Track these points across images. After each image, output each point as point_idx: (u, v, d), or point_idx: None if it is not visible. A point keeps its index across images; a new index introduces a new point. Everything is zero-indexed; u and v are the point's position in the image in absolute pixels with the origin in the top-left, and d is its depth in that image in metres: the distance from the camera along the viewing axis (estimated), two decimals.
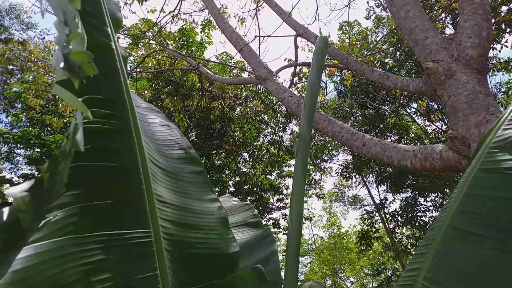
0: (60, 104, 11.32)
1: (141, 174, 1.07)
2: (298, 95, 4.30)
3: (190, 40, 11.69)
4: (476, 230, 0.90)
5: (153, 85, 11.94)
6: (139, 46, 9.70)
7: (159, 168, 1.21)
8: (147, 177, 1.08)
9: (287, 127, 14.33)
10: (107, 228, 0.93)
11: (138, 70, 9.51)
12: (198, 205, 1.22)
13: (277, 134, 14.21)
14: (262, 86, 12.11)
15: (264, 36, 4.97)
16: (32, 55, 10.18)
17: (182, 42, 11.62)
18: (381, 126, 13.44)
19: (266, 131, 15.07)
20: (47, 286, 0.76)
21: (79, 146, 0.71)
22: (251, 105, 13.05)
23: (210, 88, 11.33)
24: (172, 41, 11.47)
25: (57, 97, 11.94)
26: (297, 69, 8.28)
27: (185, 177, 1.28)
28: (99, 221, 0.93)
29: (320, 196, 19.30)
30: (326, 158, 18.16)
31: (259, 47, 5.14)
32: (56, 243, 0.83)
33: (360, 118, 14.47)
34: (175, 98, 11.04)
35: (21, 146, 12.55)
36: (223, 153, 14.48)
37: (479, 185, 0.94)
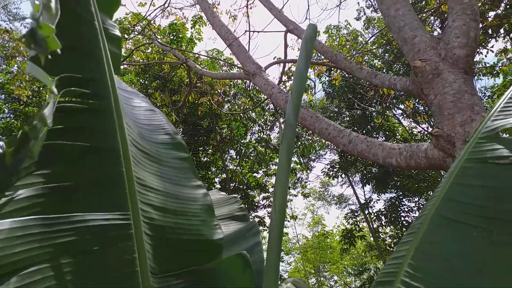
0: (47, 96, 11.11)
1: (121, 156, 1.04)
2: (286, 91, 4.30)
3: (180, 35, 11.59)
4: (462, 219, 0.90)
5: (141, 79, 11.81)
6: (127, 39, 9.55)
7: (142, 152, 1.19)
8: (127, 160, 1.06)
9: (275, 126, 14.35)
10: (80, 210, 0.90)
11: (125, 63, 9.38)
12: (182, 191, 1.20)
13: (264, 132, 14.23)
14: (251, 83, 12.04)
15: (254, 31, 4.94)
16: (19, 45, 9.95)
17: (172, 37, 11.52)
18: (368, 127, 13.57)
19: (254, 129, 15.05)
20: (6, 266, 0.73)
21: (46, 121, 0.68)
22: (240, 102, 13.03)
23: (199, 84, 11.26)
24: (161, 36, 11.35)
25: (41, 88, 11.70)
26: (286, 67, 8.28)
27: (169, 163, 1.26)
28: (70, 202, 0.89)
29: (305, 194, 19.42)
30: (313, 158, 18.24)
31: (248, 42, 5.12)
32: (18, 222, 0.79)
33: (347, 118, 14.58)
34: (163, 92, 10.94)
35: (3, 138, 12.27)
36: (210, 150, 14.43)
37: (466, 174, 0.94)
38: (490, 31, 8.01)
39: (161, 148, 1.28)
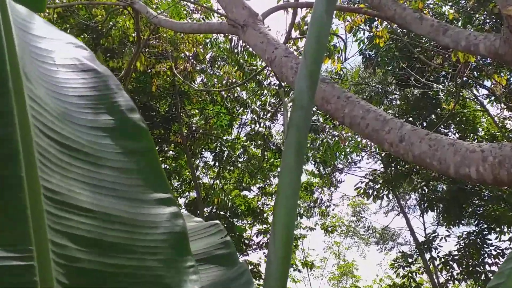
0: None
1: (18, 154, 1.05)
2: (298, 55, 4.33)
3: None
4: None
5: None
6: None
7: (62, 145, 1.19)
8: (29, 159, 1.07)
9: (278, 112, 14.42)
10: None
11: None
12: (132, 211, 1.21)
13: (261, 123, 14.32)
14: (240, 40, 12.10)
15: None
16: None
17: None
18: (432, 116, 13.69)
19: (244, 117, 15.12)
20: None
21: None
22: (221, 72, 13.08)
23: (154, 41, 11.26)
24: None
25: None
26: (298, 16, 8.31)
27: (113, 161, 1.27)
28: None
29: (327, 227, 19.52)
30: (340, 166, 18.38)
31: None
32: None
33: (398, 102, 14.70)
34: (94, 54, 10.95)
35: None
36: (170, 152, 14.46)
37: None
38: None
39: (100, 137, 1.28)
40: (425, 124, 13.73)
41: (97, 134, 1.30)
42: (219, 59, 13.68)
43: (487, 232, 13.53)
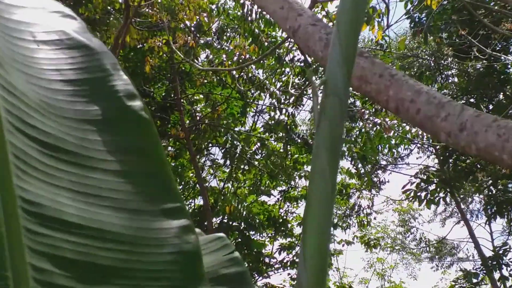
0: None
1: None
2: (328, 23, 4.35)
3: None
4: None
5: None
6: None
7: (42, 146, 1.19)
8: (2, 165, 1.08)
9: (303, 95, 14.42)
10: None
11: None
12: (130, 225, 1.20)
13: (283, 110, 14.33)
14: (255, 5, 12.11)
15: None
16: None
17: None
18: (500, 96, 13.58)
19: (261, 103, 15.13)
20: None
21: None
22: (231, 47, 13.08)
23: (146, 9, 11.29)
24: None
25: None
26: None
27: (107, 162, 1.26)
28: None
29: (368, 241, 19.44)
30: (384, 163, 18.32)
31: None
32: None
33: (456, 79, 14.60)
34: None
35: None
36: (169, 148, 14.47)
37: None
38: None
39: (91, 132, 1.27)
40: (491, 107, 13.64)
41: (88, 128, 1.28)
42: (229, 29, 13.68)
43: None
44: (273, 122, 14.42)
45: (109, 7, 11.55)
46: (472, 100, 13.71)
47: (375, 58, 3.74)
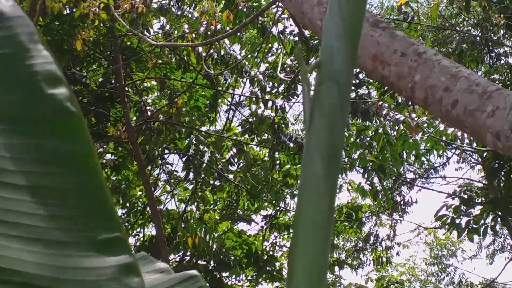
0: None
1: None
2: None
3: None
4: None
5: None
6: None
7: None
8: None
9: (297, 82, 14.43)
10: None
11: None
12: (50, 264, 1.19)
13: (270, 102, 14.33)
14: None
15: None
16: None
17: None
18: None
19: (239, 92, 15.13)
20: None
21: None
22: (196, 13, 13.10)
23: None
24: None
25: None
26: None
27: (19, 175, 1.25)
28: None
29: (391, 286, 19.51)
30: (409, 176, 18.40)
31: None
32: None
33: (510, 59, 14.69)
34: None
35: None
36: (107, 155, 14.45)
37: None
38: None
39: None
40: None
41: None
42: None
43: None
44: (254, 119, 14.37)
45: None
46: None
47: (396, 30, 3.77)
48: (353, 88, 13.88)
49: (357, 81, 13.93)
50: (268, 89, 14.22)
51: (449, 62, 3.53)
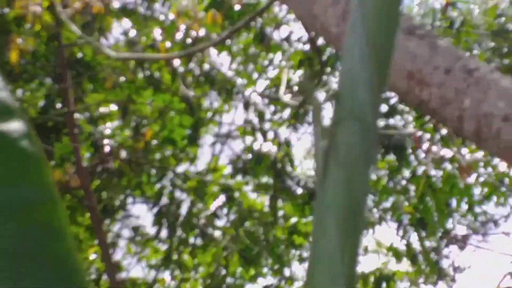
0: None
1: None
2: None
3: None
4: None
5: None
6: None
7: None
8: None
9: (308, 108, 14.45)
10: None
11: None
12: None
13: (271, 133, 14.39)
14: None
15: None
16: None
17: None
18: None
19: (228, 121, 15.18)
20: None
21: None
22: (172, 14, 13.18)
23: None
24: None
25: None
26: None
27: None
28: None
29: None
30: (461, 232, 18.41)
31: None
32: None
33: None
34: None
35: None
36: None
37: None
38: None
39: None
40: None
41: None
42: None
43: None
44: (250, 156, 14.40)
45: None
46: None
47: (438, 39, 3.79)
48: (382, 117, 13.87)
49: (387, 107, 13.91)
50: (268, 116, 14.21)
51: (510, 82, 3.54)
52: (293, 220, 14.96)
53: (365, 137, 1.12)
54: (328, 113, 1.15)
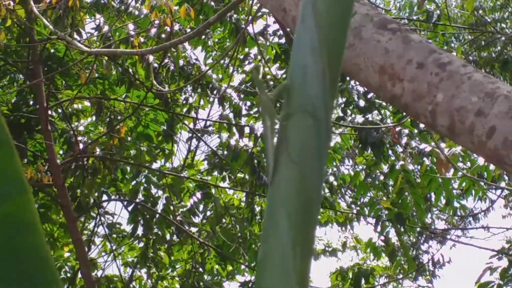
0: None
1: None
2: None
3: None
4: None
5: None
6: None
7: None
8: None
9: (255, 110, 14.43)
10: None
11: None
12: None
13: (247, 129, 14.37)
14: None
15: None
16: None
17: None
18: None
19: (204, 116, 15.16)
20: None
21: None
22: (145, 9, 13.15)
23: None
24: None
25: None
26: None
27: None
28: None
29: None
30: (439, 227, 18.49)
31: None
32: None
33: None
34: None
35: None
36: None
37: None
38: None
39: None
40: None
41: None
42: None
43: None
44: (226, 152, 14.37)
45: None
46: None
47: (411, 33, 3.77)
48: (360, 112, 13.90)
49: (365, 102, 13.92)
50: (244, 111, 14.18)
51: (482, 76, 3.52)
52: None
53: (317, 132, 1.10)
54: (278, 107, 1.13)
